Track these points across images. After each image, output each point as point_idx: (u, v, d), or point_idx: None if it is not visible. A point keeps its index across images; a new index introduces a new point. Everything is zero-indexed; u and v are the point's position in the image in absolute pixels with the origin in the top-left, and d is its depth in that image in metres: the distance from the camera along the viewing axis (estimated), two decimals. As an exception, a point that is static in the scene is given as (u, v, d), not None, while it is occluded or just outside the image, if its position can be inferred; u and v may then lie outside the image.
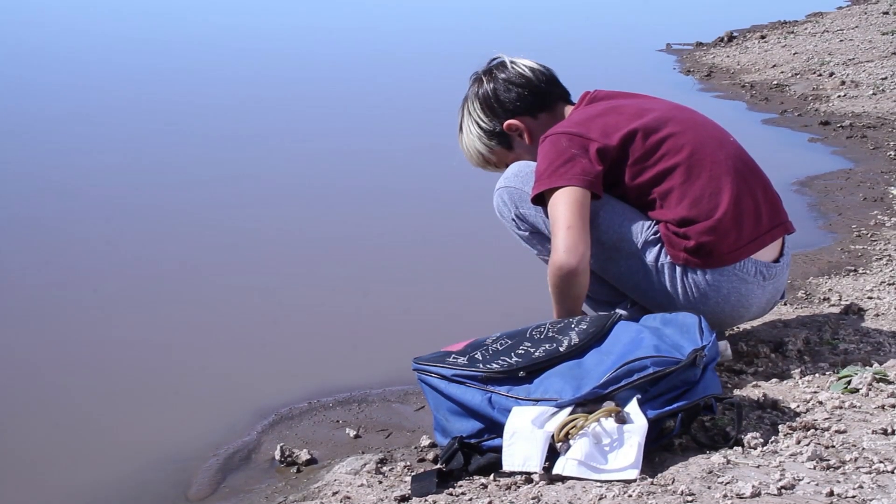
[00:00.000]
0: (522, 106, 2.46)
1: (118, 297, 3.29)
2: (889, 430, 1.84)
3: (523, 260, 2.69)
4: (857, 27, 10.60)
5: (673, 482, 1.66)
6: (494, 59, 2.54)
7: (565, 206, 2.20)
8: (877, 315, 2.78)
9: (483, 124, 2.50)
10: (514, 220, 2.40)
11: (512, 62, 2.50)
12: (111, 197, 4.51)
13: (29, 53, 9.76)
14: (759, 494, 1.58)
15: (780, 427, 1.92)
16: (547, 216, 2.27)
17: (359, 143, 5.81)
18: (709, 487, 1.63)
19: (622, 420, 1.74)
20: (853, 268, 3.37)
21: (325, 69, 9.20)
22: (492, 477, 1.83)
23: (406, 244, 3.92)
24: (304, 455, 2.18)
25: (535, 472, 1.75)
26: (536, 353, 1.94)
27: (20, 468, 2.27)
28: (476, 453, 1.89)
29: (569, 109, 2.47)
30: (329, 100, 7.46)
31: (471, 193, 3.86)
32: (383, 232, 4.07)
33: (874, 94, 7.13)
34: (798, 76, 8.28)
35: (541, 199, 2.28)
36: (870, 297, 2.97)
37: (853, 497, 1.55)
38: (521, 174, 2.38)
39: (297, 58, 10.09)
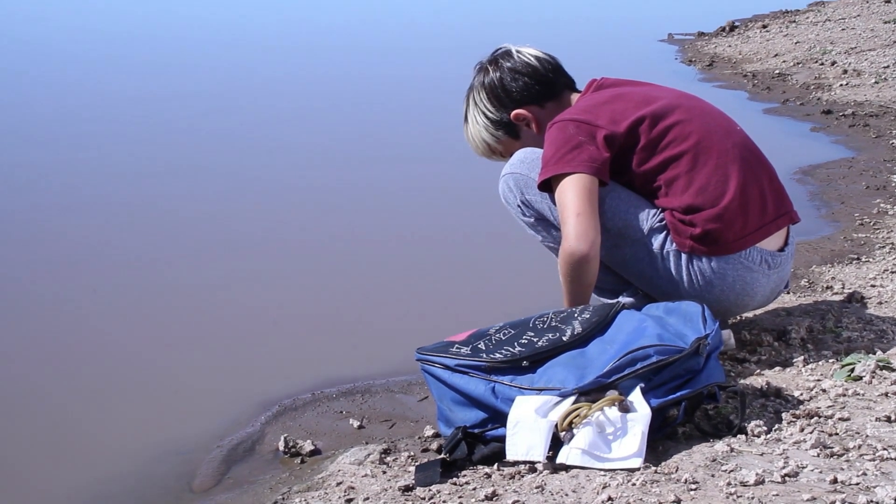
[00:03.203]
0: (529, 95, 2.45)
1: (119, 292, 3.29)
2: (893, 418, 1.84)
3: (527, 251, 2.70)
4: (858, 16, 10.58)
5: (676, 470, 1.66)
6: (499, 49, 2.53)
7: (574, 192, 2.19)
8: (880, 303, 2.78)
9: (490, 114, 2.49)
10: (519, 206, 2.39)
11: (517, 51, 2.48)
12: (107, 194, 4.50)
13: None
14: (762, 482, 1.58)
15: (783, 415, 1.92)
16: (553, 202, 2.27)
17: (359, 137, 5.82)
18: (712, 475, 1.63)
19: (626, 409, 1.74)
20: (856, 256, 3.36)
21: (324, 66, 9.20)
22: (496, 466, 1.83)
23: (409, 236, 3.92)
24: (307, 446, 2.18)
25: (539, 462, 1.75)
26: (540, 343, 1.94)
27: (25, 464, 2.27)
28: (480, 443, 1.89)
29: (575, 97, 2.46)
30: (328, 95, 7.46)
31: (474, 185, 3.87)
32: (386, 224, 4.07)
33: (876, 82, 7.12)
34: (800, 65, 8.27)
35: (547, 186, 2.28)
36: (873, 286, 2.97)
37: (857, 484, 1.55)
38: (526, 160, 2.38)
39: (294, 54, 10.09)
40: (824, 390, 2.06)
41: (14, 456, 2.31)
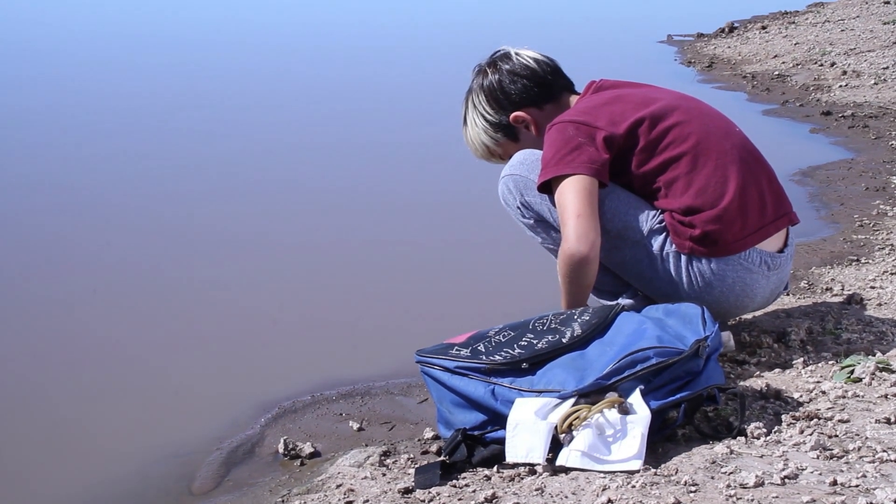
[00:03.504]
0: (528, 97, 2.45)
1: (119, 293, 3.29)
2: (892, 420, 1.84)
3: (526, 252, 2.69)
4: (858, 17, 10.58)
5: (676, 472, 1.66)
6: (498, 51, 2.53)
7: (574, 194, 2.19)
8: (879, 304, 2.78)
9: (489, 116, 2.49)
10: (518, 208, 2.39)
11: (516, 53, 2.48)
12: (107, 195, 4.50)
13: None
14: (762, 484, 1.58)
15: (783, 417, 1.92)
16: (553, 204, 2.27)
17: (358, 137, 5.82)
18: (712, 477, 1.63)
19: (625, 411, 1.74)
20: (856, 257, 3.36)
21: (324, 67, 9.19)
22: (495, 469, 1.82)
23: (409, 238, 3.92)
24: (307, 448, 2.18)
25: (539, 464, 1.74)
26: (539, 345, 1.94)
27: (25, 465, 2.27)
28: (479, 445, 1.89)
29: (574, 99, 2.46)
30: (328, 96, 7.45)
31: (474, 188, 3.87)
32: (386, 225, 4.07)
33: (875, 83, 7.12)
34: (799, 66, 8.27)
35: (547, 187, 2.28)
36: (872, 287, 2.97)
37: (856, 486, 1.55)
38: (526, 162, 2.37)
39: (294, 56, 10.08)
40: (824, 392, 2.06)
41: (14, 457, 2.31)
